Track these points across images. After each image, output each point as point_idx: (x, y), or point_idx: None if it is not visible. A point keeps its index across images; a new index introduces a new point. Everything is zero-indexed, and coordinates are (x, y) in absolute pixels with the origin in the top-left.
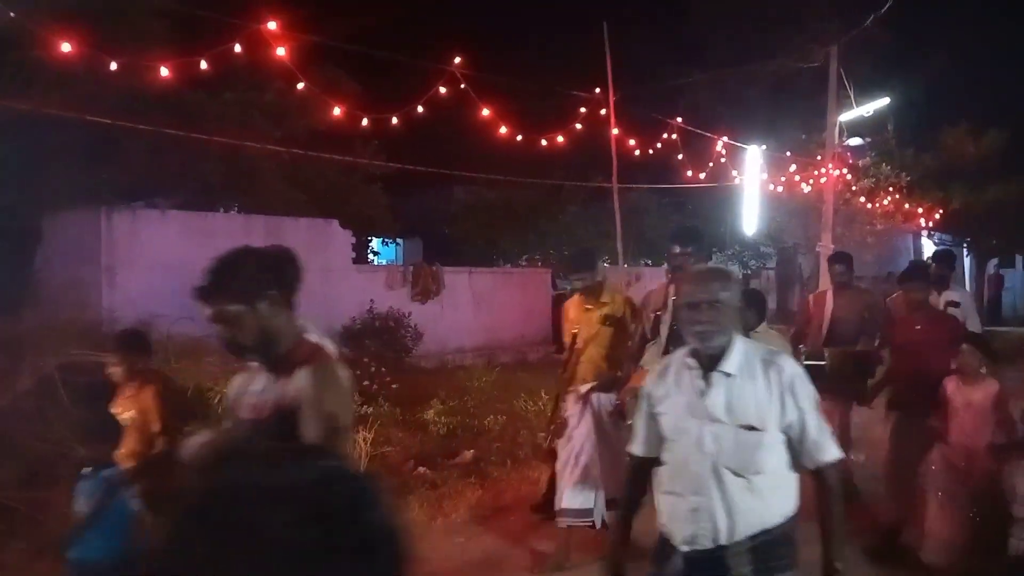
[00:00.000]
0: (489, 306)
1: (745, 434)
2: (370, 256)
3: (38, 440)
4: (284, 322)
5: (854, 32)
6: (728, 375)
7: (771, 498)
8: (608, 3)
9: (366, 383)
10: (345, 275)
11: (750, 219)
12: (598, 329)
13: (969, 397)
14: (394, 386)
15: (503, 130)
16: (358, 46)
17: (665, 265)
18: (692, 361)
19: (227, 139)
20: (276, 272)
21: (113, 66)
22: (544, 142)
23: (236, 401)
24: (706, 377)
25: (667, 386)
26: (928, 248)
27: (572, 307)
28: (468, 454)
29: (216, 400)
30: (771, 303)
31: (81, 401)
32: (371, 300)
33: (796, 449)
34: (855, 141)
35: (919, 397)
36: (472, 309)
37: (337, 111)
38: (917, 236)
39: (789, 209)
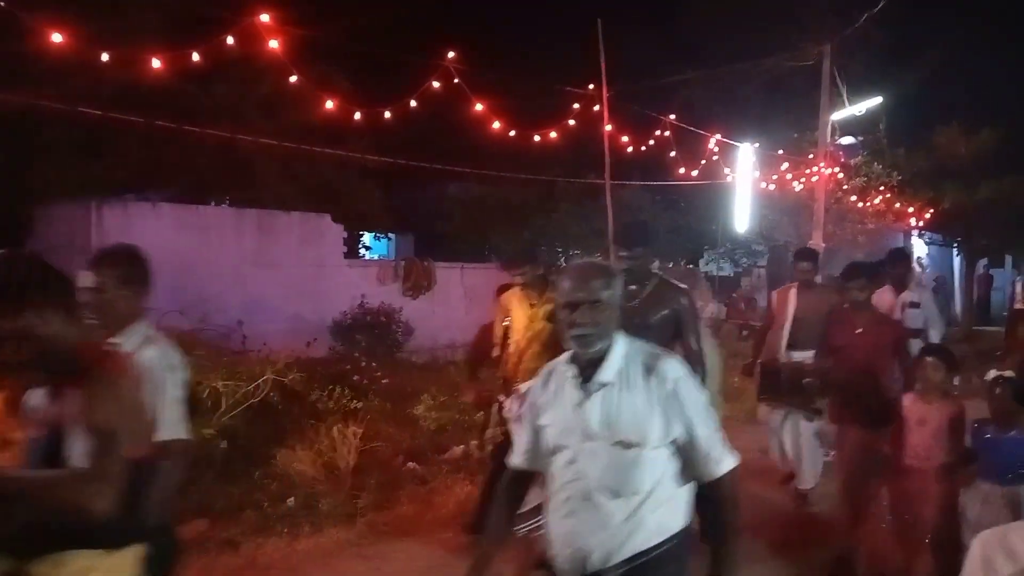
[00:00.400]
0: (481, 302)
1: (621, 452)
2: (361, 251)
3: None
4: (60, 331)
5: (848, 31)
6: (605, 384)
7: (650, 519)
8: (603, 0)
9: (356, 377)
10: (336, 269)
11: (742, 217)
12: (543, 326)
13: (925, 415)
14: (384, 381)
15: (497, 126)
16: (352, 43)
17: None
18: (571, 368)
19: (220, 133)
20: (41, 275)
21: (104, 57)
22: (538, 139)
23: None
24: (584, 386)
25: (549, 395)
26: (918, 247)
27: (514, 302)
28: (458, 450)
29: (205, 395)
30: (762, 301)
31: None
32: (362, 295)
33: (686, 461)
34: (847, 140)
35: (860, 405)
36: (464, 304)
37: (330, 104)
38: (908, 235)
39: (781, 207)
